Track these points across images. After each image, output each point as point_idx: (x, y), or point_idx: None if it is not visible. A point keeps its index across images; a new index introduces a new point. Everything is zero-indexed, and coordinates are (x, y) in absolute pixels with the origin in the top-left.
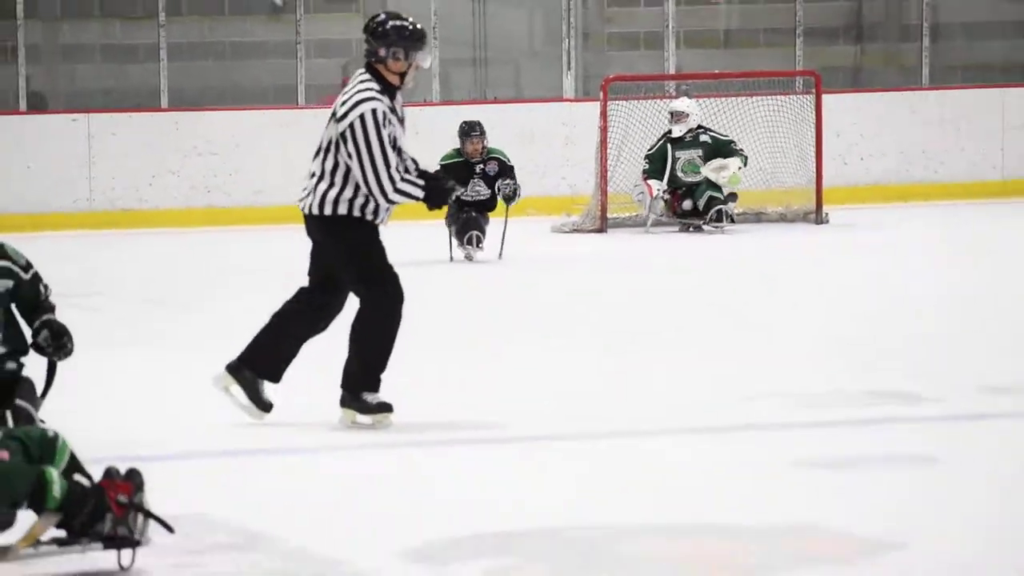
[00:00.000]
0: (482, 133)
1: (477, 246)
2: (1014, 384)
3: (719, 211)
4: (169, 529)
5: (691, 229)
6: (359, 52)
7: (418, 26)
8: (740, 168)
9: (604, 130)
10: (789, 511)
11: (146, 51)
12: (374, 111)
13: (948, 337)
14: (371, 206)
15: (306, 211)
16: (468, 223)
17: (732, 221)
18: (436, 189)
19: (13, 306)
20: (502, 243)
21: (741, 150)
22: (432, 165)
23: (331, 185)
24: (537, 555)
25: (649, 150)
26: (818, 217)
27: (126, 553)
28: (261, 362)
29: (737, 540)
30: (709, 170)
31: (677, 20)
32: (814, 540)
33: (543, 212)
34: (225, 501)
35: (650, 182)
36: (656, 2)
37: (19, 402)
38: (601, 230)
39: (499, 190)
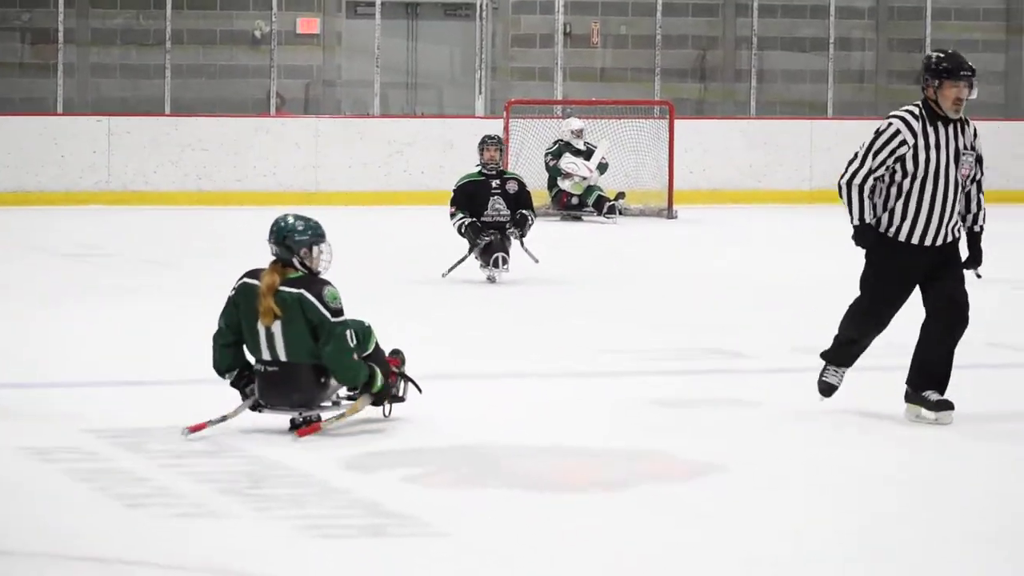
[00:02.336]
0: (498, 143)
1: (503, 266)
2: (817, 345)
3: (612, 206)
4: (419, 390)
5: (571, 219)
6: (319, 75)
7: (953, 58)
8: (590, 175)
9: (506, 141)
10: (641, 439)
11: (155, 70)
12: (884, 126)
13: (766, 307)
14: (894, 225)
15: None
16: (492, 245)
17: (621, 214)
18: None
19: None
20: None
21: (605, 160)
22: (380, 165)
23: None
24: (446, 466)
25: (548, 150)
26: (669, 213)
27: (388, 407)
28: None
29: (600, 460)
30: (566, 161)
31: (564, 59)
32: (659, 462)
33: None
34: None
35: (580, 161)
36: (549, 44)
37: None
38: None
39: (511, 227)
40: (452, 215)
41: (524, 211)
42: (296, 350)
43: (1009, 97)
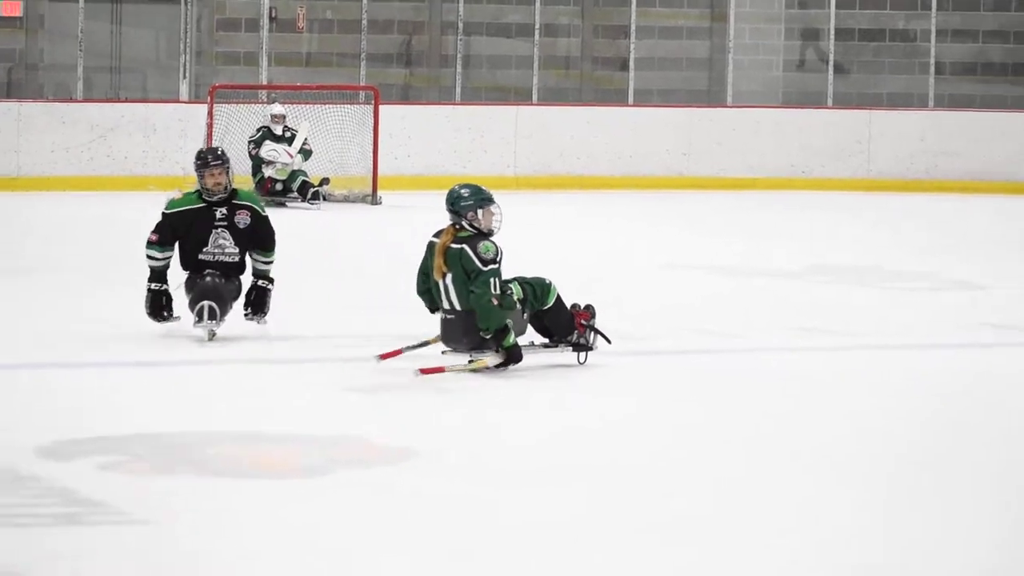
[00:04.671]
0: (224, 163)
1: (209, 319)
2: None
3: (316, 192)
4: (608, 341)
5: (276, 205)
6: (22, 59)
7: None
8: (291, 160)
9: (210, 126)
10: (337, 425)
11: None
12: None
13: None
14: None
15: None
16: (204, 291)
17: (325, 200)
18: None
19: None
20: None
21: (308, 147)
22: (84, 150)
23: None
24: (144, 453)
25: (250, 138)
26: (373, 199)
27: (582, 355)
28: None
29: (296, 446)
30: (266, 150)
31: (270, 44)
32: (356, 448)
33: (161, 188)
34: None
35: (281, 148)
36: (254, 29)
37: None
38: None
39: (250, 314)
40: (149, 244)
41: (262, 282)
42: (465, 300)
43: (713, 84)
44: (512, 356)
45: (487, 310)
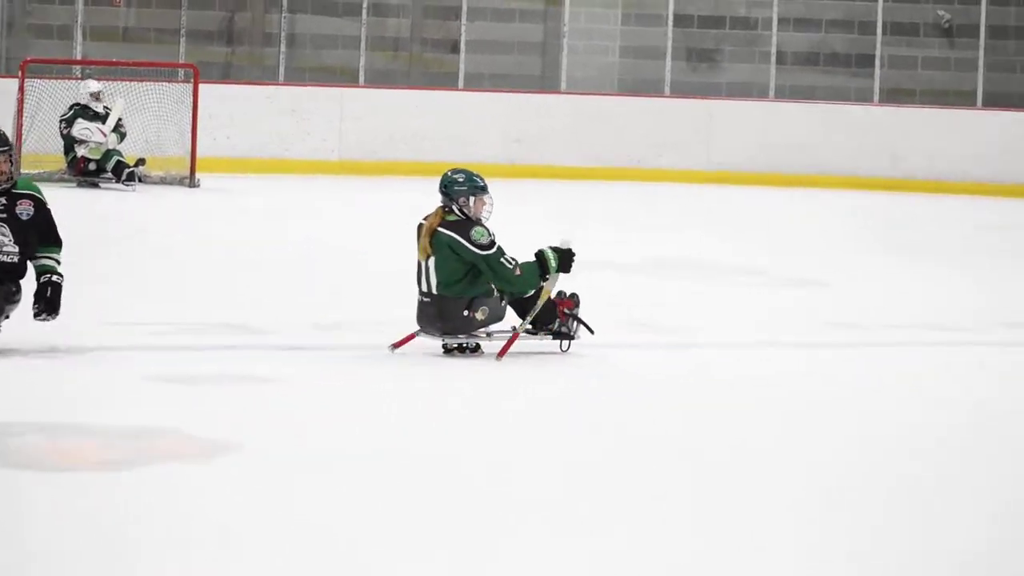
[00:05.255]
0: (9, 148)
1: None
2: (337, 322)
3: (131, 173)
4: (591, 331)
5: (89, 185)
6: None
7: None
8: (105, 139)
9: (20, 101)
10: (150, 418)
11: None
12: None
13: (287, 281)
14: None
15: None
16: None
17: (140, 181)
18: None
19: None
20: None
21: (123, 129)
22: None
23: None
24: None
25: (62, 116)
26: (191, 181)
27: (564, 343)
28: None
29: (103, 439)
30: (79, 129)
31: (85, 17)
32: (169, 441)
33: None
34: None
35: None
36: (69, 1)
37: None
38: None
39: (41, 313)
40: None
41: (55, 276)
42: (444, 284)
43: (546, 69)
44: (564, 264)
45: (522, 282)
